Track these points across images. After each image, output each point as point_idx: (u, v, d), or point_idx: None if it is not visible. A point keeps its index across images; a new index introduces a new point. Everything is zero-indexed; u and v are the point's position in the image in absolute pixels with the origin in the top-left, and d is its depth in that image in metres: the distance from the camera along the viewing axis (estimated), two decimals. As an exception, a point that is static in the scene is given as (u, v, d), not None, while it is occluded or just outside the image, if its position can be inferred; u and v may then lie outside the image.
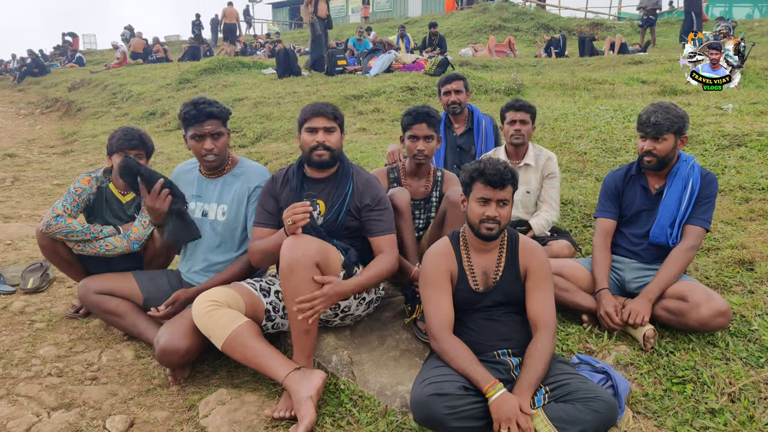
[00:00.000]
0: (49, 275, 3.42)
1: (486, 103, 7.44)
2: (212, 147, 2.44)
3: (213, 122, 2.44)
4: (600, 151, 4.75)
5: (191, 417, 2.10)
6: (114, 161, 2.75)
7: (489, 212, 1.94)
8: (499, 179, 1.91)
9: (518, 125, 3.10)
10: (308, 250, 2.02)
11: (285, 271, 2.01)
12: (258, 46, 20.08)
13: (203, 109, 2.41)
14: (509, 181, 1.94)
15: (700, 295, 2.22)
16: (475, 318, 2.02)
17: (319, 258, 2.04)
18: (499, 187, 1.93)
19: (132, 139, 2.72)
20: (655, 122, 2.38)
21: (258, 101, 8.53)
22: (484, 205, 1.96)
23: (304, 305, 2.00)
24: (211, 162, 2.49)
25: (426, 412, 1.73)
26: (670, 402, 2.00)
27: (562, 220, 3.53)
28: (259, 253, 2.27)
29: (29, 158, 7.71)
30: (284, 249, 2.02)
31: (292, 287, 2.01)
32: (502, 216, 1.95)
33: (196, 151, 2.47)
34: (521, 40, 16.94)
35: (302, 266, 1.99)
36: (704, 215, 2.44)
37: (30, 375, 2.38)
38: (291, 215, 2.04)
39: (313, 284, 2.03)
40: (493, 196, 1.94)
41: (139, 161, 2.53)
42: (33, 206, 5.23)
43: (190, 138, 2.45)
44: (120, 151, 2.72)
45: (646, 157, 2.45)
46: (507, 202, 1.96)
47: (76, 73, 16.76)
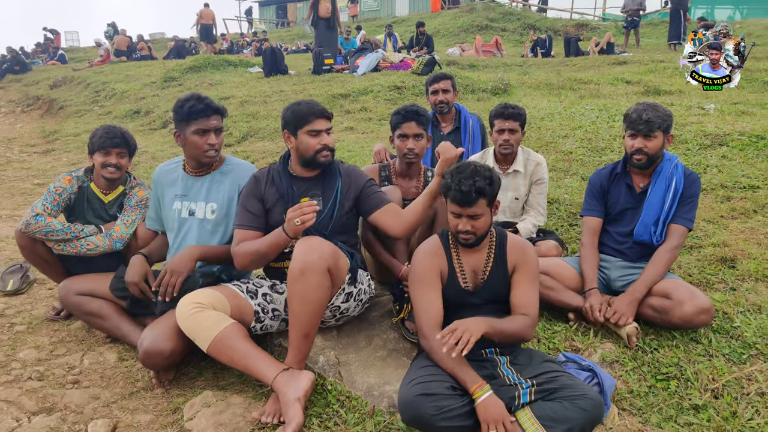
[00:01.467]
0: (30, 277, 3.35)
1: (473, 102, 7.46)
2: (215, 142, 2.43)
3: (217, 118, 2.44)
4: (586, 150, 4.79)
5: (176, 420, 2.07)
6: (96, 160, 2.70)
7: (461, 226, 1.95)
8: (463, 199, 1.90)
9: (507, 135, 3.00)
10: (323, 254, 1.98)
11: (296, 274, 1.96)
12: (244, 45, 19.94)
13: (210, 104, 2.41)
14: (477, 198, 1.90)
15: (683, 293, 2.24)
16: (464, 316, 2.01)
17: (331, 263, 2.01)
18: (466, 206, 1.92)
19: (114, 137, 2.67)
20: (647, 119, 2.39)
21: (244, 100, 8.46)
22: (456, 218, 1.97)
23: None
24: (212, 157, 2.46)
25: (414, 412, 1.72)
26: (654, 398, 2.02)
27: (548, 219, 3.55)
28: (250, 255, 2.18)
29: (9, 157, 7.57)
30: (298, 252, 1.98)
31: (301, 290, 1.97)
32: (476, 227, 1.96)
33: (198, 147, 2.42)
34: (508, 40, 17.04)
35: (315, 271, 1.95)
36: (687, 214, 2.47)
37: (10, 379, 2.33)
38: (299, 215, 1.98)
39: (323, 289, 1.99)
40: (462, 212, 1.94)
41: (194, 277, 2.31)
42: (13, 206, 5.13)
43: (193, 133, 2.40)
44: (102, 149, 2.67)
45: (636, 155, 2.46)
46: (479, 216, 1.95)
47: (58, 70, 16.48)
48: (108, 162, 2.68)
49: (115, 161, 2.68)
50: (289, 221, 2.02)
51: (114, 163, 2.68)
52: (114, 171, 2.70)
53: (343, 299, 2.23)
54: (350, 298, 2.27)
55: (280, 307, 2.32)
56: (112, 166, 2.68)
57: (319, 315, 2.04)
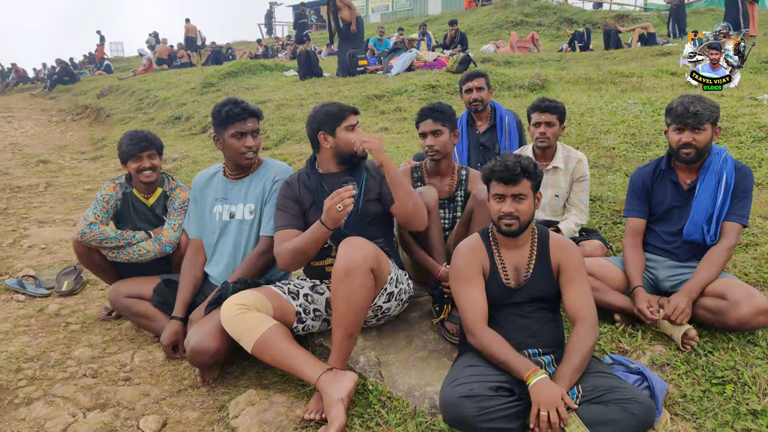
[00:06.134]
0: (83, 278, 3.50)
1: (510, 99, 7.34)
2: (253, 144, 2.49)
3: (254, 120, 2.51)
4: (629, 145, 4.64)
5: (221, 417, 2.12)
6: (130, 168, 2.78)
7: (504, 208, 1.92)
8: (508, 175, 1.89)
9: (543, 128, 2.95)
10: (367, 255, 2.00)
11: (341, 274, 1.98)
12: (279, 49, 20.27)
13: (246, 107, 2.47)
14: (521, 176, 1.90)
15: (740, 293, 2.14)
16: (506, 314, 1.99)
17: (375, 263, 2.03)
18: (510, 183, 1.90)
19: (139, 141, 2.74)
20: (695, 112, 2.29)
21: (281, 103, 8.59)
22: (500, 201, 1.94)
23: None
24: (250, 160, 2.52)
25: (456, 413, 1.71)
26: (709, 403, 1.93)
27: (591, 217, 3.45)
28: (291, 252, 2.19)
29: (61, 164, 7.93)
30: (342, 252, 2.00)
31: (346, 291, 1.98)
32: (520, 211, 1.92)
33: (236, 150, 2.48)
34: (544, 34, 16.69)
35: (360, 272, 1.97)
36: (741, 210, 2.35)
37: (66, 376, 2.44)
38: (338, 201, 1.98)
39: (367, 289, 2.01)
40: (506, 192, 1.92)
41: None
42: (66, 211, 5.37)
43: (231, 136, 2.47)
44: (132, 156, 2.74)
45: (684, 150, 2.36)
46: (523, 197, 1.92)
47: (105, 80, 17.19)
48: (142, 167, 2.76)
49: (148, 164, 2.77)
50: (328, 210, 2.02)
51: (148, 166, 2.77)
52: (150, 173, 2.78)
53: (385, 299, 2.24)
54: (392, 298, 2.28)
55: (321, 308, 2.34)
56: (147, 169, 2.77)
57: (363, 315, 2.06)
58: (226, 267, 2.58)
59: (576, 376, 1.78)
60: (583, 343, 1.84)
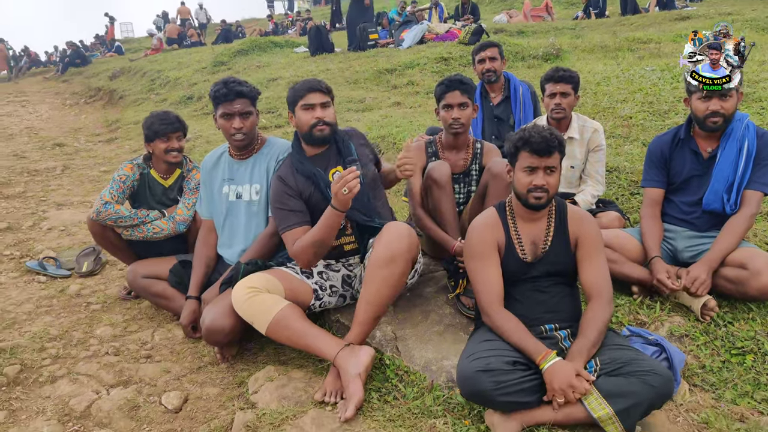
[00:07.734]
0: (102, 259, 3.56)
1: (524, 70, 7.19)
2: (241, 126, 2.44)
3: (242, 101, 2.45)
4: (647, 114, 4.52)
5: (241, 393, 2.16)
6: (157, 147, 2.79)
7: (537, 181, 1.88)
8: (545, 147, 1.84)
9: (558, 98, 2.88)
10: (412, 245, 2.06)
11: (385, 260, 2.00)
12: (289, 25, 20.04)
13: (233, 88, 2.42)
14: (556, 148, 1.86)
15: (761, 263, 2.10)
16: (523, 289, 1.98)
17: (416, 252, 2.10)
18: (545, 154, 1.86)
19: (171, 122, 2.78)
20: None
21: (292, 80, 8.52)
22: (531, 173, 1.89)
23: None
24: (240, 141, 2.49)
25: (473, 387, 1.71)
26: (728, 374, 1.92)
27: (608, 188, 3.40)
28: (310, 247, 2.13)
29: (77, 147, 8.00)
30: (389, 238, 2.03)
31: (386, 276, 2.01)
32: (550, 184, 1.89)
33: (225, 130, 2.48)
34: (558, 2, 16.22)
35: (403, 260, 2.02)
36: (763, 178, 2.29)
37: (89, 354, 2.50)
38: (344, 185, 1.94)
39: (405, 277, 2.07)
40: (539, 164, 1.87)
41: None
42: (83, 193, 5.44)
43: (220, 117, 2.46)
44: (162, 136, 2.76)
45: (712, 118, 2.28)
46: (555, 169, 1.89)
47: (116, 62, 17.19)
48: (171, 147, 2.79)
49: (177, 145, 2.80)
50: (336, 195, 2.00)
51: (176, 146, 2.80)
52: (177, 154, 2.82)
53: (411, 276, 2.29)
54: (415, 274, 2.33)
55: (338, 284, 2.35)
56: (174, 150, 2.80)
57: (393, 299, 2.11)
58: (238, 247, 2.59)
59: (592, 350, 1.77)
60: (599, 318, 1.83)
